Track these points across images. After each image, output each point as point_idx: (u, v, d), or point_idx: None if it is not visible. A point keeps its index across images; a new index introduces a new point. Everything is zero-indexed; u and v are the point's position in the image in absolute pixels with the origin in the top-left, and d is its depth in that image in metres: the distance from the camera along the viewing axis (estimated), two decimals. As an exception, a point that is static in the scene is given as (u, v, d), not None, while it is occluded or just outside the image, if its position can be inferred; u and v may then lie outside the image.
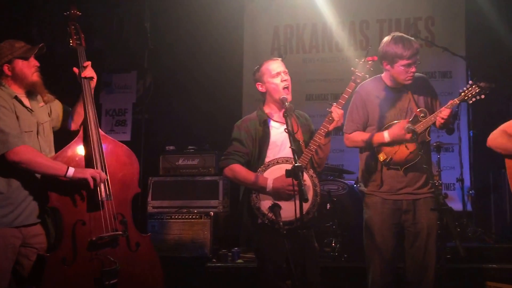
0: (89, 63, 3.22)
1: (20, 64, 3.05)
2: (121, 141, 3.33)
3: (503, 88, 5.75)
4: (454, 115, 3.33)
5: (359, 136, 3.46)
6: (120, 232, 3.03)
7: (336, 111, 3.10)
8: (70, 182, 2.95)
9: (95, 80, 3.23)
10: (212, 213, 4.97)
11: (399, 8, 6.51)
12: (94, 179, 2.96)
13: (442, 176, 5.41)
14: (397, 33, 3.40)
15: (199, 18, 6.36)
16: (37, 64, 3.13)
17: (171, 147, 5.64)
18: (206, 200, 5.26)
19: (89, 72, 3.19)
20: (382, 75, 3.50)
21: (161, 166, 5.51)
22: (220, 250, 4.87)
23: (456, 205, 5.75)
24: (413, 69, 3.33)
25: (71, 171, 2.93)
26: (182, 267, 4.68)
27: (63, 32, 3.30)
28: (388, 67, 3.39)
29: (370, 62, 3.15)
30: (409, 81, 3.37)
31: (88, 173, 2.95)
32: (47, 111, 3.21)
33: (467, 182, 5.89)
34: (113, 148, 3.20)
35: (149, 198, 5.32)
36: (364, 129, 3.49)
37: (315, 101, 6.42)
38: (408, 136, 3.22)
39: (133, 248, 3.10)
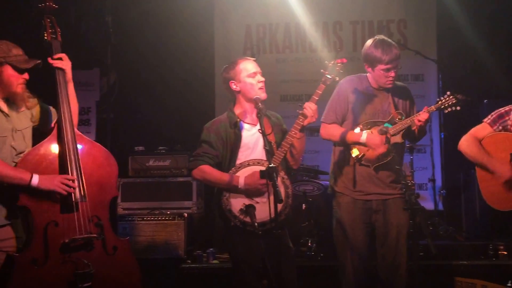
0: (64, 55, 3.09)
1: (9, 71, 2.90)
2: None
3: (474, 91, 5.89)
4: (428, 120, 3.42)
5: (337, 130, 3.48)
6: (95, 235, 2.95)
7: (309, 107, 3.09)
8: None
9: (68, 73, 3.09)
10: (186, 214, 4.93)
11: (372, 10, 6.57)
12: (66, 185, 2.86)
13: (414, 177, 5.50)
14: (380, 37, 3.46)
15: (166, 12, 6.22)
16: (27, 78, 2.98)
17: (141, 148, 5.54)
18: (179, 201, 5.20)
19: (59, 62, 3.05)
20: (367, 74, 3.55)
21: (130, 167, 5.41)
22: (195, 251, 4.84)
23: (428, 205, 5.86)
24: (392, 74, 3.38)
25: (35, 180, 2.80)
26: (156, 269, 4.62)
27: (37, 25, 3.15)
28: (369, 69, 3.46)
29: (339, 64, 3.18)
30: (389, 85, 3.43)
31: (54, 184, 2.84)
32: (29, 116, 3.07)
33: (438, 182, 6.02)
34: (89, 149, 3.11)
35: (119, 200, 5.22)
36: (341, 123, 3.52)
37: (290, 102, 6.42)
38: (383, 147, 3.25)
39: (110, 252, 3.02)
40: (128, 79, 6.35)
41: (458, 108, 3.32)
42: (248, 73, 3.22)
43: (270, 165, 2.80)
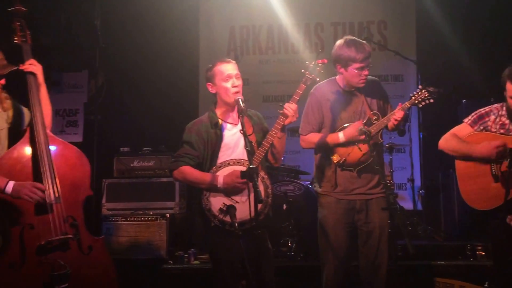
0: (33, 61, 3.08)
1: None
2: (73, 143, 3.26)
3: (452, 91, 5.99)
4: (405, 118, 3.43)
5: (314, 138, 3.50)
6: (70, 236, 2.96)
7: (290, 107, 3.11)
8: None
9: (39, 76, 3.09)
10: (168, 215, 4.93)
11: (352, 12, 6.64)
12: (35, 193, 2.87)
13: (394, 176, 5.56)
14: (350, 37, 3.47)
15: (153, 16, 6.26)
16: (3, 83, 2.99)
17: (126, 149, 5.56)
18: (162, 201, 5.21)
19: (30, 66, 3.05)
20: (337, 77, 3.55)
21: (115, 168, 5.42)
22: (177, 252, 4.84)
23: (407, 204, 5.93)
24: (366, 72, 3.40)
25: (9, 188, 2.83)
26: (138, 269, 4.62)
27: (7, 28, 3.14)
28: (342, 70, 3.44)
29: (320, 64, 3.20)
30: (362, 84, 3.45)
31: (23, 193, 2.85)
32: (5, 118, 3.07)
33: (417, 182, 6.08)
34: (62, 150, 3.12)
35: (103, 200, 5.22)
36: (319, 131, 3.53)
37: (272, 102, 6.45)
38: (362, 137, 3.29)
39: (86, 252, 3.03)
40: (116, 81, 6.37)
41: (431, 101, 3.29)
42: (223, 77, 3.22)
43: (251, 166, 2.82)
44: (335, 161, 3.44)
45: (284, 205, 4.84)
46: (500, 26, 6.14)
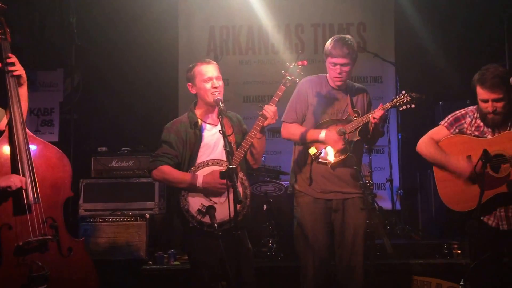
0: (14, 58, 3.02)
1: None
2: (49, 142, 3.22)
3: (429, 93, 6.06)
4: (384, 119, 3.48)
5: (297, 129, 3.53)
6: (49, 237, 2.93)
7: (269, 109, 3.13)
8: None
9: (24, 77, 3.04)
10: (147, 215, 4.91)
11: (332, 14, 6.67)
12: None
13: (373, 177, 5.62)
14: (342, 35, 3.54)
15: (131, 14, 6.19)
16: None
17: (103, 149, 5.50)
18: (141, 202, 5.18)
19: (17, 69, 3.00)
20: (327, 74, 3.61)
21: (93, 168, 5.36)
22: (156, 252, 4.82)
23: (386, 204, 6.00)
24: (338, 70, 3.45)
25: None
26: (117, 271, 4.59)
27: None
28: (326, 62, 3.53)
29: (300, 66, 3.24)
30: (338, 82, 3.50)
31: (10, 181, 2.83)
32: None
33: (396, 182, 6.16)
34: (42, 150, 3.08)
35: (81, 201, 5.16)
36: (301, 122, 3.57)
37: (253, 103, 6.46)
38: (341, 144, 3.32)
39: (65, 253, 3.00)
40: (92, 80, 6.29)
41: (413, 106, 3.39)
42: (203, 78, 3.23)
43: (230, 166, 2.83)
44: (311, 153, 3.47)
45: (265, 205, 4.85)
46: (476, 29, 6.26)
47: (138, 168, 5.34)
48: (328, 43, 3.50)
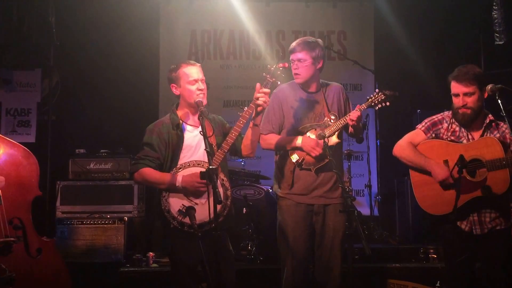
0: None
1: None
2: (25, 143, 3.17)
3: (407, 100, 6.18)
4: (363, 125, 3.52)
5: (274, 139, 3.55)
6: (13, 239, 2.86)
7: (263, 91, 3.12)
8: None
9: None
10: (126, 218, 4.88)
11: (313, 21, 6.75)
12: None
13: (352, 183, 5.68)
14: (307, 37, 3.61)
15: (111, 13, 6.16)
16: None
17: (82, 150, 5.44)
18: (120, 204, 5.14)
19: None
20: None
21: (71, 170, 5.30)
22: (134, 255, 4.79)
23: (365, 210, 6.08)
24: (296, 67, 3.49)
25: None
26: (95, 273, 4.55)
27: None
28: None
29: (281, 68, 3.25)
30: (298, 80, 3.53)
31: None
32: None
33: (374, 189, 6.24)
34: (6, 149, 3.02)
35: (58, 203, 5.10)
36: (279, 132, 3.59)
37: (233, 108, 6.50)
38: (319, 149, 3.36)
39: (34, 254, 2.94)
40: (71, 81, 6.21)
41: (388, 103, 3.41)
42: (189, 80, 3.23)
43: (210, 167, 2.84)
44: (293, 161, 3.49)
45: (244, 208, 4.86)
46: (454, 37, 6.40)
47: (116, 171, 5.30)
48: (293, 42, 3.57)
